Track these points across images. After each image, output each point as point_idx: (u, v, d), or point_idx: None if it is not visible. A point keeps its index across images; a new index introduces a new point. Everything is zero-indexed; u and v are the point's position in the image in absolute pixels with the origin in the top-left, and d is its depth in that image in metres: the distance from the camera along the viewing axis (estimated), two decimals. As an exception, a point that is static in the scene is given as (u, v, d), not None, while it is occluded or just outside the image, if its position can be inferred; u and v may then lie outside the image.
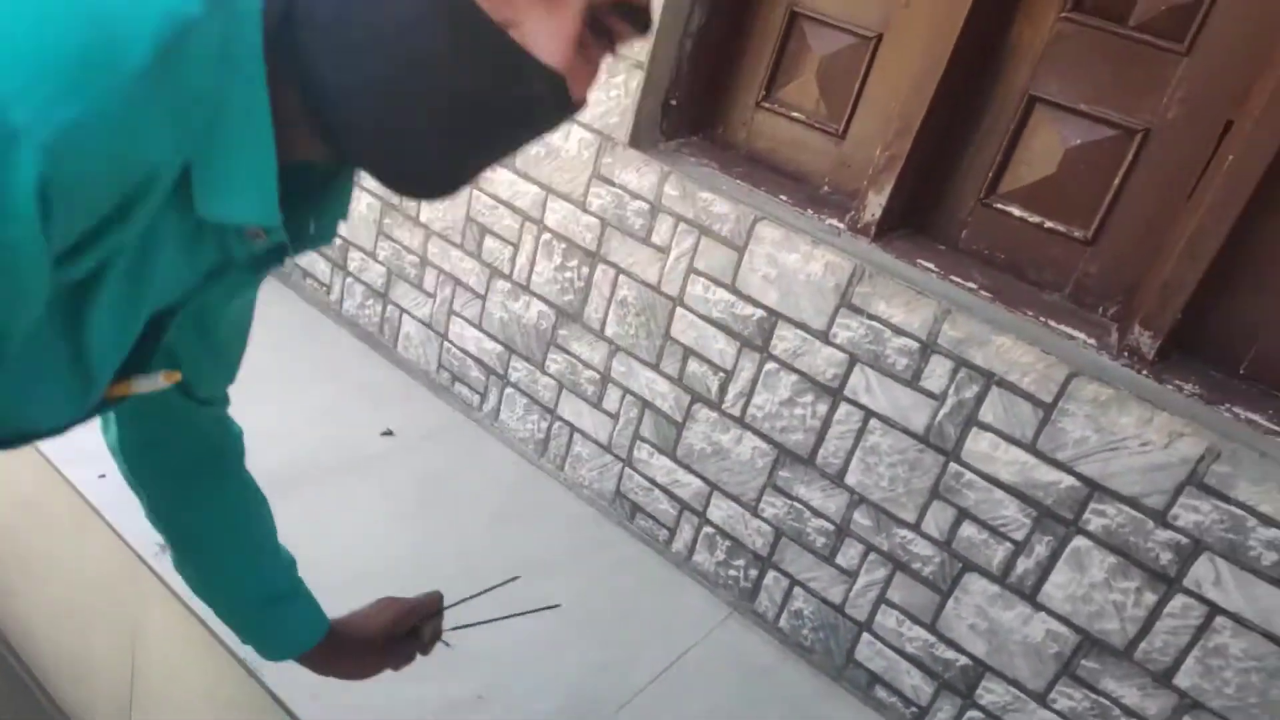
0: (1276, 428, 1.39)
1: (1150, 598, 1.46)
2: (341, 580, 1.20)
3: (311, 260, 2.56)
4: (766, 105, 1.88)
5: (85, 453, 1.33)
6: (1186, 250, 1.42)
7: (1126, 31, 1.50)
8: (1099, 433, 1.45)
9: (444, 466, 2.11)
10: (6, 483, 2.01)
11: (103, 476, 1.75)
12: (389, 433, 2.16)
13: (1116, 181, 1.54)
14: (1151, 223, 1.53)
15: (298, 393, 2.18)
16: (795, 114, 1.85)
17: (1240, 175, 1.35)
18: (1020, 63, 1.60)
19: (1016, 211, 1.65)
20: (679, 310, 1.87)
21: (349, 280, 2.49)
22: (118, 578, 1.74)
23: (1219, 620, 1.40)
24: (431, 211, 2.24)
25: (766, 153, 1.91)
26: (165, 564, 1.63)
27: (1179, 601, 1.43)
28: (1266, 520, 1.34)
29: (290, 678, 1.21)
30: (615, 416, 2.04)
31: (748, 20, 1.86)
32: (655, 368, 1.94)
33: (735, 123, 1.94)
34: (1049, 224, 1.62)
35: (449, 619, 1.23)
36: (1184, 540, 1.41)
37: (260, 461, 1.12)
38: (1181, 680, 1.46)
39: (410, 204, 2.26)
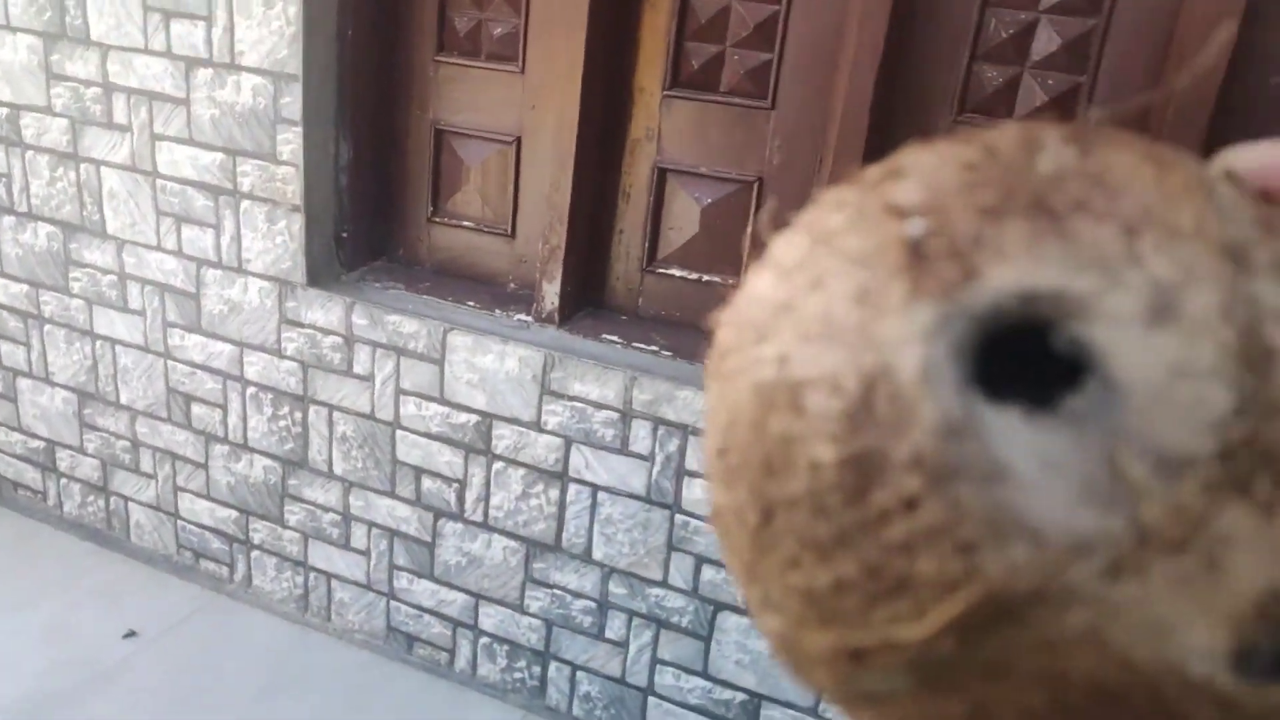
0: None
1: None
2: None
3: (18, 470, 2.37)
4: (438, 220, 1.94)
5: None
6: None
7: (722, 99, 1.67)
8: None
9: (199, 653, 1.99)
10: None
11: None
12: (132, 634, 2.02)
13: (749, 227, 1.70)
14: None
15: (20, 614, 2.00)
16: (466, 222, 1.92)
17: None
18: (643, 140, 1.74)
19: (676, 272, 1.78)
20: (399, 433, 1.88)
21: (63, 481, 2.32)
22: None
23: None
24: (130, 391, 2.14)
25: (449, 263, 1.96)
26: None
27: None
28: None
29: None
30: (367, 553, 2.00)
31: (397, 145, 1.92)
32: (392, 494, 1.93)
33: (413, 241, 1.98)
34: (706, 278, 1.76)
35: None
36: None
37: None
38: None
39: (110, 385, 2.15)
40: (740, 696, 1.74)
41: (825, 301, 0.15)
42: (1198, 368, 0.13)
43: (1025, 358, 0.13)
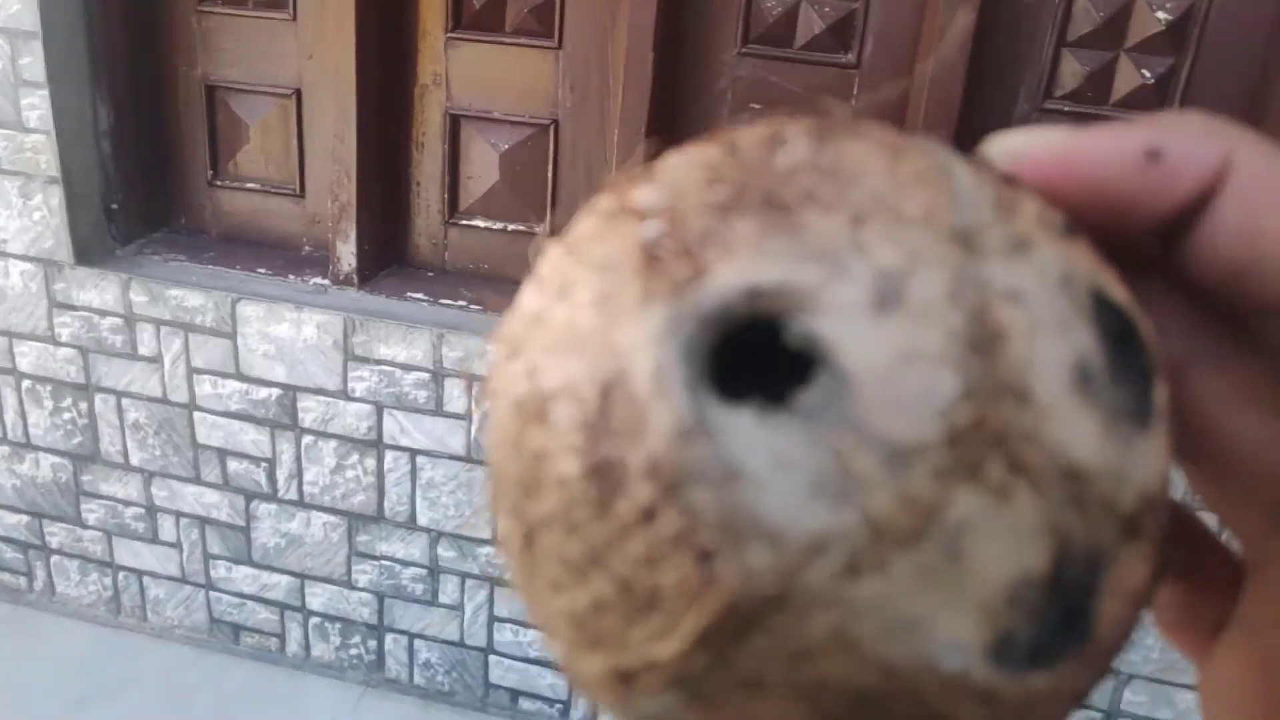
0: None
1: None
2: None
3: None
4: (219, 183, 1.81)
5: None
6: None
7: (509, 40, 1.61)
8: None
9: (0, 671, 1.83)
10: None
11: None
12: (-85, 660, 1.84)
13: (549, 175, 1.66)
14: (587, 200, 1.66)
15: None
16: (251, 184, 1.80)
17: (625, 150, 1.51)
18: (430, 86, 1.66)
19: (480, 223, 1.72)
20: (196, 415, 1.76)
21: None
22: None
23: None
24: (-113, 397, 1.92)
25: (236, 230, 1.84)
26: None
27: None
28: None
29: None
30: (178, 544, 1.88)
31: (165, 104, 1.77)
32: (197, 480, 1.81)
33: (195, 207, 1.84)
34: (510, 227, 1.71)
35: None
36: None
37: None
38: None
39: None
40: (579, 645, 1.74)
41: (570, 310, 0.14)
42: (923, 353, 0.12)
43: (766, 356, 0.13)
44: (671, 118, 1.58)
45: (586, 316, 0.14)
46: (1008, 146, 0.17)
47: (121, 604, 1.97)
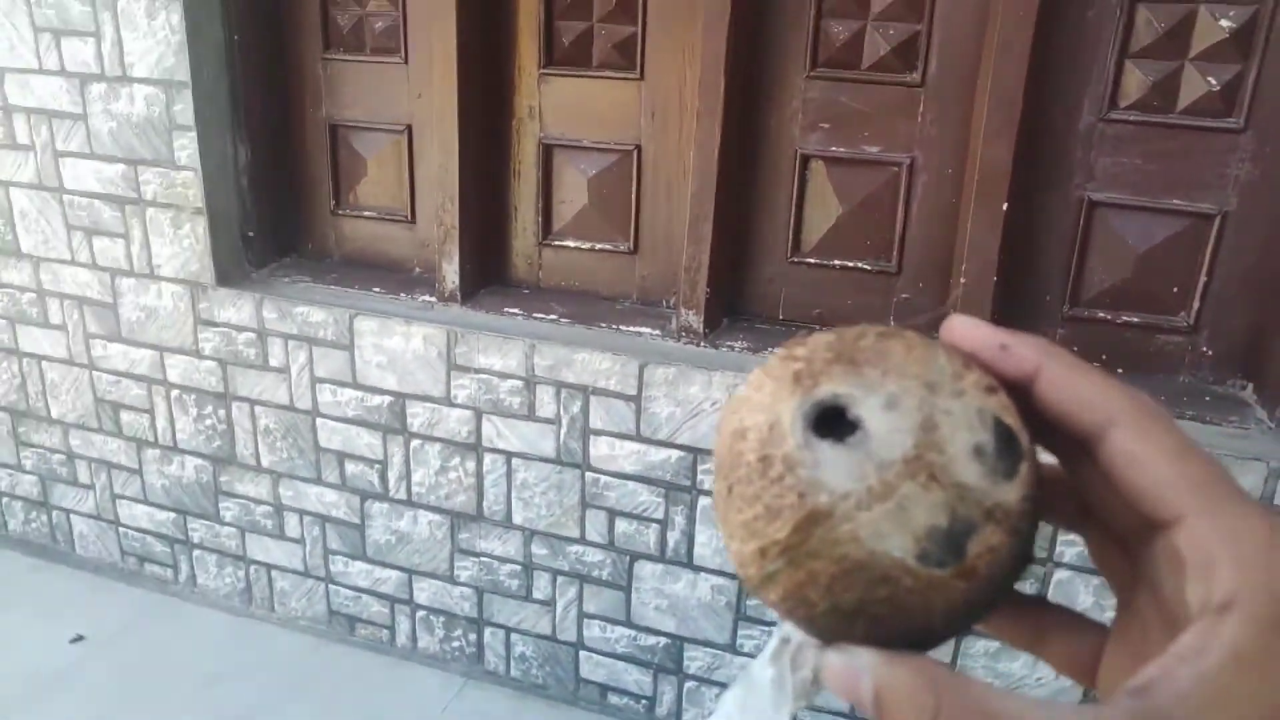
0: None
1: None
2: None
3: (-42, 494, 2.41)
4: (341, 212, 2.01)
5: None
6: (691, 237, 1.66)
7: (595, 74, 1.74)
8: (679, 406, 1.66)
9: (146, 652, 2.05)
10: None
11: None
12: (80, 638, 2.07)
13: (633, 197, 1.78)
14: (666, 225, 1.78)
15: (-35, 634, 2.05)
16: (368, 213, 1.99)
17: (702, 170, 1.61)
18: (525, 119, 1.81)
19: (571, 243, 1.86)
20: (319, 420, 1.94)
21: (5, 501, 2.37)
22: None
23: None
24: (60, 405, 2.19)
25: (356, 254, 2.03)
26: None
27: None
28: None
29: None
30: (301, 540, 2.07)
31: (294, 143, 1.99)
32: (319, 481, 2.00)
33: (319, 235, 2.05)
34: (598, 246, 1.84)
35: None
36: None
37: None
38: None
39: (40, 401, 2.20)
40: (663, 641, 1.83)
41: (760, 396, 0.30)
42: (901, 428, 0.28)
43: (837, 421, 0.29)
44: (749, 138, 1.68)
45: (767, 398, 0.30)
46: (953, 328, 0.31)
47: (253, 595, 2.17)
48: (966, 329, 0.30)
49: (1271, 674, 0.24)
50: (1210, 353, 1.56)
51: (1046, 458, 0.31)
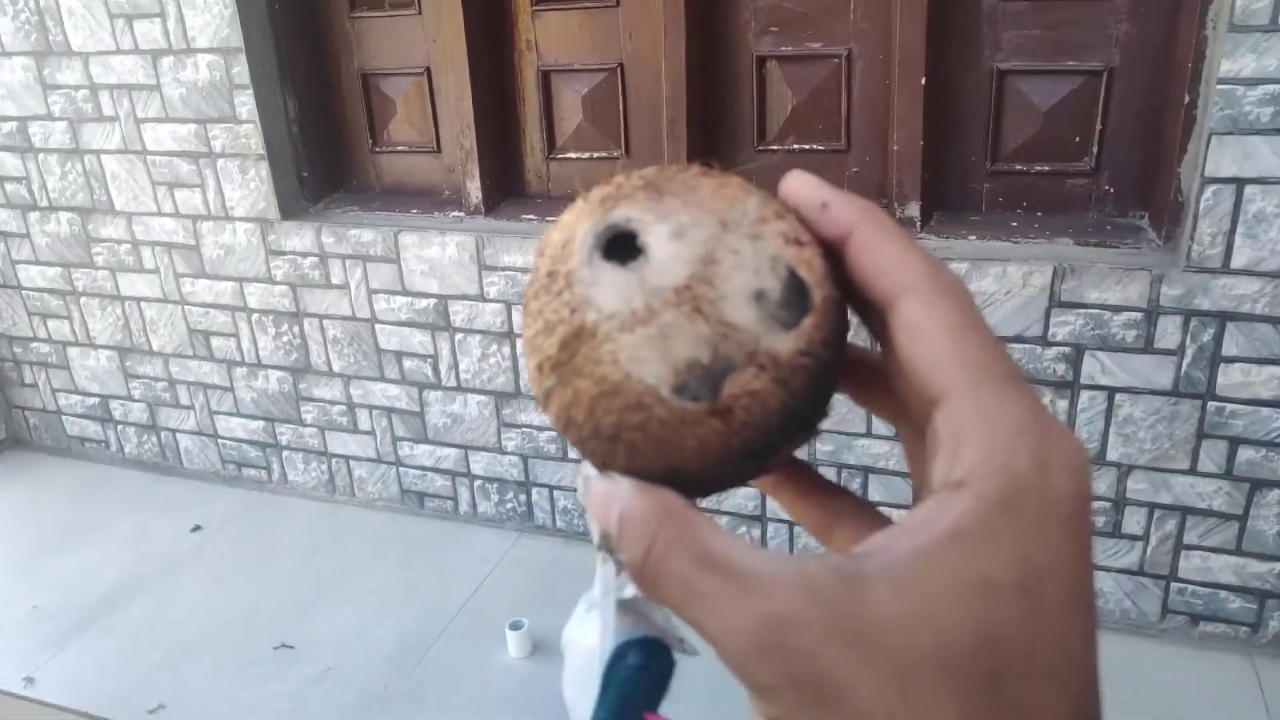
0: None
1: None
2: (192, 638, 1.56)
3: (81, 426, 2.84)
4: (378, 150, 2.36)
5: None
6: (670, 136, 1.98)
7: (579, 5, 2.05)
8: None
9: (252, 536, 2.46)
10: None
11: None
12: (197, 528, 2.49)
13: (619, 109, 2.10)
14: (651, 129, 2.10)
15: (102, 532, 2.48)
16: (400, 147, 2.33)
17: (672, 79, 1.93)
18: (524, 51, 2.13)
19: (572, 155, 2.19)
20: (377, 326, 2.31)
21: (120, 427, 2.79)
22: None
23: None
24: (160, 339, 2.58)
25: (395, 183, 2.38)
26: (37, 689, 1.93)
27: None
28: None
29: None
30: (372, 432, 2.45)
31: (333, 93, 2.33)
32: (382, 379, 2.37)
33: (362, 170, 2.40)
34: (595, 155, 2.16)
35: None
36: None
37: (85, 596, 1.47)
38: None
39: (142, 337, 2.60)
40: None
41: (569, 216, 0.30)
42: (680, 258, 0.27)
43: (629, 246, 0.28)
44: (710, 47, 1.98)
45: (572, 218, 0.30)
46: (786, 183, 0.30)
47: (335, 484, 2.56)
48: (797, 184, 0.30)
49: (984, 552, 0.24)
50: (1111, 190, 1.85)
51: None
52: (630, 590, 0.31)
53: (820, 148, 1.99)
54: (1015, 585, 0.24)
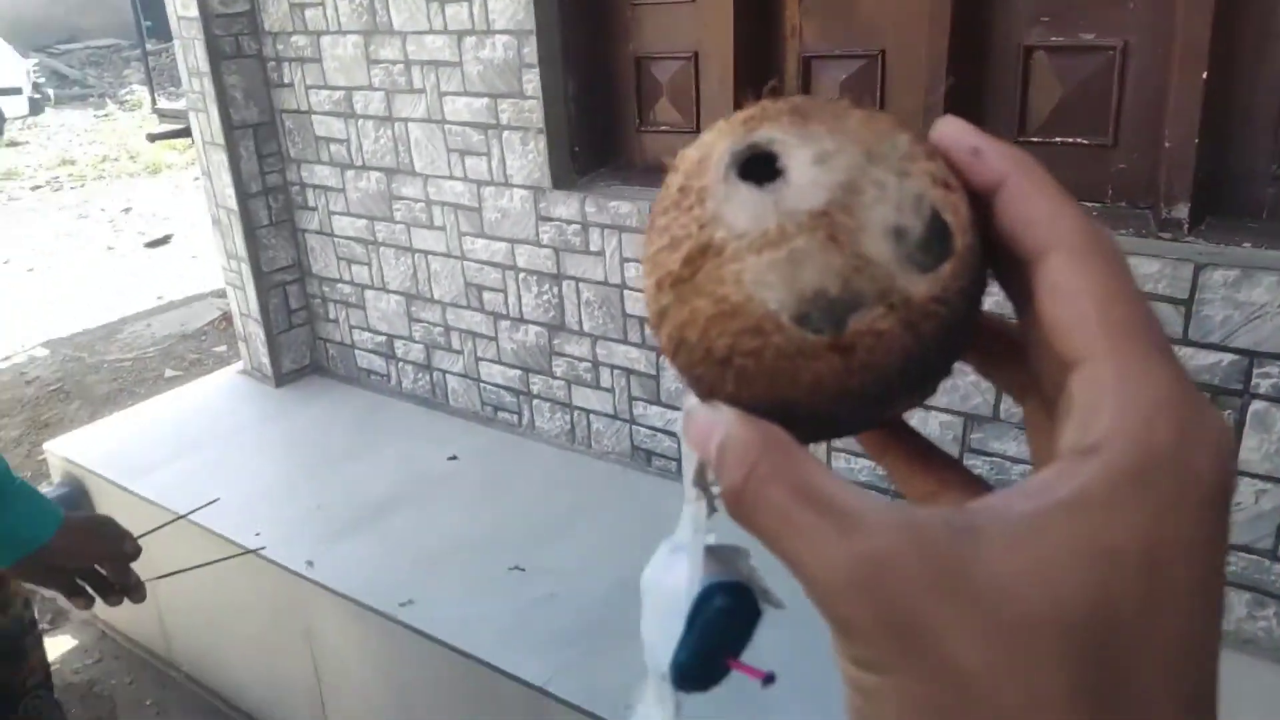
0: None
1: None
2: (441, 549, 1.82)
3: (369, 360, 3.26)
4: (644, 130, 2.53)
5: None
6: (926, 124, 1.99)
7: (847, -7, 2.10)
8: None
9: (500, 468, 2.73)
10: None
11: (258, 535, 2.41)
12: (454, 458, 2.80)
13: (878, 98, 2.13)
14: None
15: (379, 451, 2.85)
16: (664, 128, 2.49)
17: (931, 69, 1.93)
18: (789, 38, 2.21)
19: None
20: (625, 292, 2.49)
21: (401, 364, 3.17)
22: (278, 595, 2.38)
23: None
24: (441, 288, 2.91)
25: (656, 163, 2.54)
26: (315, 572, 2.27)
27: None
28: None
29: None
30: (612, 390, 2.64)
31: (608, 75, 2.52)
32: (625, 341, 2.55)
33: (627, 149, 2.58)
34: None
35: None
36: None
37: (358, 502, 1.73)
38: None
39: (426, 286, 2.95)
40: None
41: (710, 135, 0.30)
42: (821, 184, 0.27)
43: (768, 168, 0.28)
44: (976, 40, 1.96)
45: (712, 136, 0.30)
46: (939, 127, 0.29)
47: (575, 434, 2.79)
48: (950, 128, 0.29)
49: (1109, 522, 0.22)
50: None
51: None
52: (714, 538, 0.31)
53: (1085, 141, 1.93)
54: (1140, 560, 0.22)
